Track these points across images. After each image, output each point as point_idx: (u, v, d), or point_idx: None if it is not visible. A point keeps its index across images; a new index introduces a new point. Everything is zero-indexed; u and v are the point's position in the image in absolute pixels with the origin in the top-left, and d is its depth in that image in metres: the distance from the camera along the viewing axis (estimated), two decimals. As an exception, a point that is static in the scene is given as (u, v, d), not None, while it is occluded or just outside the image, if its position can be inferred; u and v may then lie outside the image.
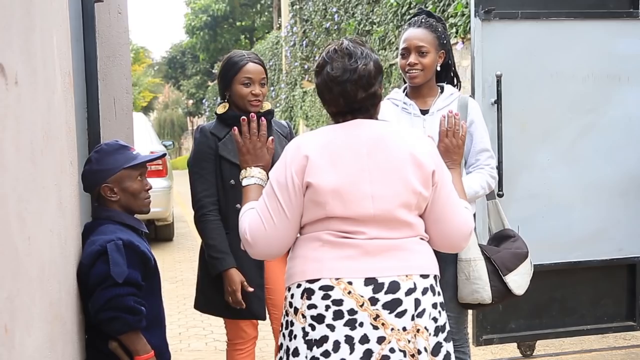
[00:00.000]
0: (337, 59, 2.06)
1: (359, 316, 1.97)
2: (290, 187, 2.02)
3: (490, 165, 2.96)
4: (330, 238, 2.03)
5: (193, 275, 7.39)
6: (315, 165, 2.01)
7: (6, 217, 1.38)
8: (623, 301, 4.10)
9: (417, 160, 2.05)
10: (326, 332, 1.97)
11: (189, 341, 4.79)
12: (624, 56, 3.89)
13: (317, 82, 2.12)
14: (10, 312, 1.38)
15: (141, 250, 2.30)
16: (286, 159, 2.06)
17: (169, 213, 9.19)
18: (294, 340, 2.03)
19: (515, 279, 2.90)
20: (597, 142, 3.89)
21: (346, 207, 2.01)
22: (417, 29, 2.93)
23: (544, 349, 4.30)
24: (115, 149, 2.40)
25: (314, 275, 2.01)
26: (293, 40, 18.38)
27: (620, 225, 3.96)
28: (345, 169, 2.02)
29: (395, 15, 10.86)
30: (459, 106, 2.94)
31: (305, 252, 2.06)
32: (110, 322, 2.18)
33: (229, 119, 2.88)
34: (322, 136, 2.08)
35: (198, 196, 2.90)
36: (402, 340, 1.98)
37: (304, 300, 2.01)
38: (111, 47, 3.17)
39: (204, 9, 32.83)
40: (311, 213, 2.04)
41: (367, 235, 2.02)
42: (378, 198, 2.01)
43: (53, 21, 1.95)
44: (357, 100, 2.06)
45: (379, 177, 2.03)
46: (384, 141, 2.06)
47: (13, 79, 1.44)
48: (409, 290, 2.00)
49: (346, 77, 2.04)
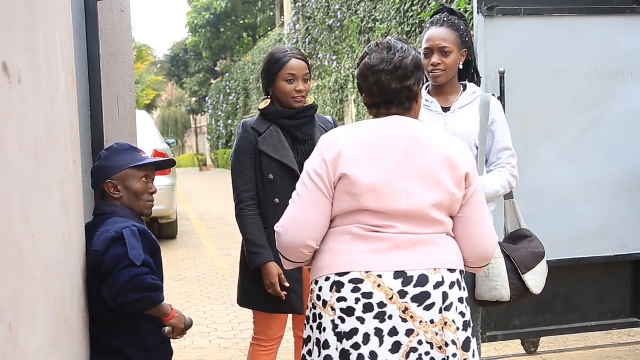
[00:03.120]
0: (377, 50, 2.12)
1: (389, 309, 1.99)
2: (325, 175, 2.05)
3: (511, 164, 2.98)
4: (360, 232, 2.05)
5: (196, 273, 7.42)
6: (350, 157, 2.04)
7: (10, 215, 1.39)
8: (627, 298, 4.09)
9: (452, 162, 2.08)
10: (356, 324, 2.00)
11: (193, 339, 4.80)
12: (628, 52, 3.88)
13: (358, 72, 2.17)
14: (15, 310, 1.39)
15: (153, 239, 2.36)
16: (322, 148, 2.10)
17: (172, 211, 9.20)
18: (323, 333, 2.05)
19: (534, 277, 2.91)
20: (600, 139, 3.88)
21: (380, 202, 2.04)
22: (439, 28, 2.93)
23: (547, 345, 4.30)
24: (125, 149, 2.45)
25: (343, 269, 2.04)
26: (296, 37, 18.37)
27: (624, 222, 3.95)
28: (382, 164, 2.05)
29: (398, 13, 10.84)
30: (481, 104, 2.96)
31: (335, 246, 2.08)
32: (135, 303, 2.21)
33: (269, 114, 2.94)
34: (360, 130, 2.13)
35: (237, 191, 2.93)
36: (429, 333, 2.01)
37: (334, 293, 2.03)
38: (114, 45, 3.17)
39: (207, 7, 32.81)
40: (343, 204, 2.06)
41: (397, 230, 2.05)
42: (412, 195, 2.04)
43: (56, 19, 1.95)
44: (390, 91, 2.09)
45: (414, 174, 2.05)
46: (421, 141, 2.09)
47: (16, 78, 1.44)
48: (437, 283, 2.03)
49: (382, 67, 2.09)
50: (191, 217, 12.77)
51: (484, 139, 2.96)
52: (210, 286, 6.74)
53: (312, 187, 2.07)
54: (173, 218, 9.51)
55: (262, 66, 3.00)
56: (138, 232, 2.28)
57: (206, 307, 5.88)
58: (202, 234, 10.46)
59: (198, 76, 37.45)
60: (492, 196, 2.89)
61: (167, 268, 7.23)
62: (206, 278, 7.15)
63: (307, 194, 2.08)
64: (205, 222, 11.88)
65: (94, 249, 2.26)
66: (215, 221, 11.84)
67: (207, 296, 6.32)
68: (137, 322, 2.31)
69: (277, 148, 2.90)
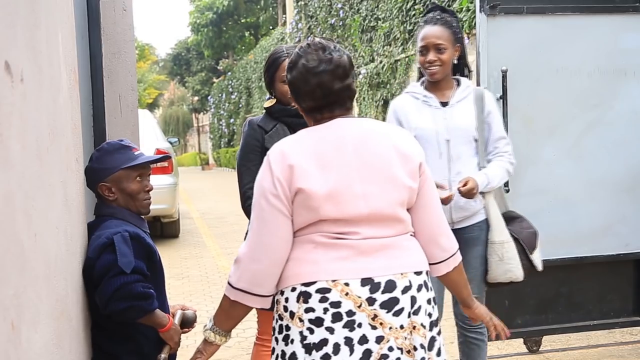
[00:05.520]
0: (311, 52, 2.06)
1: (358, 317, 1.95)
2: (281, 194, 1.99)
3: (508, 152, 3.17)
4: (323, 240, 2.01)
5: (199, 272, 7.42)
6: (303, 170, 1.98)
7: (12, 214, 1.39)
8: (630, 296, 4.09)
9: (402, 153, 2.05)
10: (325, 335, 1.95)
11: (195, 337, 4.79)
12: (630, 51, 3.87)
13: (291, 78, 2.09)
14: (17, 308, 1.39)
15: (147, 242, 2.31)
16: (271, 165, 2.02)
17: (174, 210, 9.20)
18: (290, 345, 2.00)
19: (537, 256, 3.15)
20: (603, 137, 3.88)
21: (339, 209, 1.99)
22: (433, 26, 3.07)
23: (550, 344, 4.29)
24: (116, 148, 2.38)
25: (310, 278, 1.98)
26: (298, 36, 18.36)
27: (626, 221, 3.94)
28: (334, 171, 2.00)
29: (400, 11, 10.83)
30: (475, 98, 3.11)
31: (299, 254, 2.03)
32: (124, 312, 2.18)
33: (275, 112, 2.97)
34: (306, 139, 2.06)
35: (243, 189, 2.92)
36: (399, 338, 1.98)
37: (301, 304, 1.98)
38: (116, 44, 3.17)
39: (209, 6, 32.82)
40: (303, 218, 2.01)
41: (360, 235, 2.01)
42: (370, 197, 2.01)
43: (58, 18, 1.95)
44: (334, 91, 2.05)
45: (368, 175, 2.02)
46: (368, 138, 2.05)
47: (19, 77, 1.44)
48: (404, 288, 2.00)
49: (322, 67, 2.03)
50: (193, 216, 12.78)
51: (482, 130, 3.10)
52: (213, 285, 6.75)
53: (270, 208, 2.00)
54: (175, 217, 9.51)
55: (264, 66, 3.05)
56: (130, 237, 2.23)
57: (208, 305, 5.88)
58: (204, 232, 10.47)
59: (200, 75, 37.47)
60: (496, 186, 3.09)
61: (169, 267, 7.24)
62: (208, 277, 7.16)
63: (265, 216, 2.01)
64: (208, 221, 11.88)
65: (87, 255, 2.24)
66: (218, 220, 11.85)
67: (209, 295, 6.32)
68: (134, 328, 2.28)
69: None
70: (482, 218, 3.10)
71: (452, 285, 2.26)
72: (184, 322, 2.42)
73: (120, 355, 2.30)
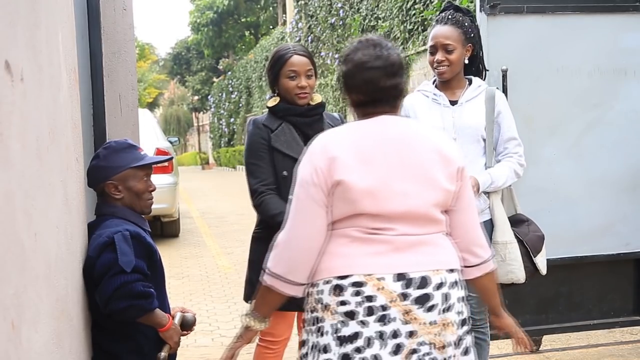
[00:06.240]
0: (364, 47, 2.09)
1: (391, 312, 1.98)
2: (319, 185, 2.01)
3: (518, 153, 3.14)
4: (359, 234, 2.03)
5: (199, 271, 7.42)
6: (344, 163, 2.01)
7: (13, 213, 1.39)
8: (630, 296, 4.09)
9: (443, 156, 2.08)
10: (358, 328, 1.98)
11: (196, 337, 4.80)
12: (630, 50, 3.87)
13: (343, 70, 2.12)
14: (17, 308, 1.39)
15: (147, 241, 2.32)
16: (312, 156, 2.05)
17: (174, 209, 9.20)
18: (324, 337, 2.03)
19: (542, 259, 3.14)
20: (603, 137, 3.88)
21: (378, 205, 2.01)
22: (443, 26, 3.06)
23: (550, 344, 4.29)
24: (123, 147, 2.41)
25: (344, 272, 2.01)
26: (298, 36, 18.37)
27: (626, 220, 3.94)
28: (376, 167, 2.03)
29: (400, 11, 10.83)
30: (486, 98, 3.10)
31: (334, 248, 2.05)
32: (124, 311, 2.19)
33: (279, 112, 2.92)
34: (350, 133, 2.10)
35: (255, 185, 2.87)
36: (430, 334, 2.01)
37: (335, 297, 2.01)
38: (116, 43, 3.17)
39: (209, 6, 32.82)
40: (340, 210, 2.03)
41: (396, 232, 2.03)
42: (409, 195, 2.03)
43: (58, 18, 1.95)
44: (382, 88, 2.07)
45: (407, 174, 2.04)
46: (410, 138, 2.08)
47: (19, 76, 1.45)
48: (438, 285, 2.02)
49: (373, 63, 2.06)
50: (193, 215, 12.78)
51: (491, 130, 3.08)
52: (213, 284, 6.75)
53: (308, 198, 2.03)
54: (175, 216, 9.51)
55: (267, 65, 3.00)
56: (130, 236, 2.24)
57: (208, 305, 5.88)
58: (205, 232, 10.47)
59: (200, 74, 37.46)
60: (501, 186, 3.06)
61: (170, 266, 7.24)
62: (208, 276, 7.16)
63: (303, 205, 2.04)
64: (208, 220, 11.88)
65: (87, 254, 2.25)
66: (218, 219, 11.85)
67: (209, 294, 6.32)
68: (134, 327, 2.29)
69: (291, 145, 2.87)
70: (487, 218, 3.09)
71: (482, 291, 2.27)
72: (183, 325, 2.42)
73: (120, 354, 2.30)
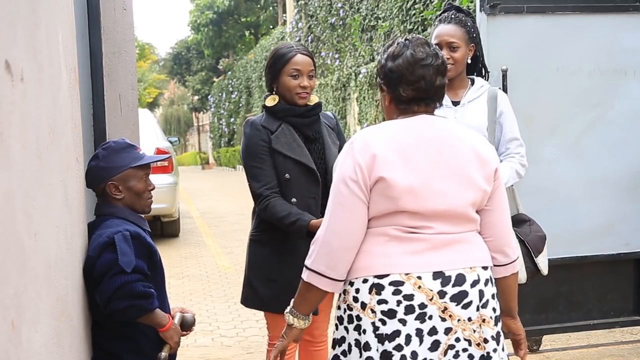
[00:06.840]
0: (416, 45, 2.10)
1: (429, 309, 2.01)
2: (361, 180, 2.02)
3: (520, 153, 3.16)
4: (397, 233, 2.04)
5: (199, 271, 7.42)
6: (385, 160, 2.02)
7: (12, 213, 1.39)
8: (630, 296, 4.09)
9: (481, 157, 2.10)
10: (398, 326, 2.01)
11: (196, 337, 4.80)
12: (630, 50, 3.87)
13: (394, 66, 2.09)
14: (17, 308, 1.39)
15: (147, 242, 2.32)
16: (354, 152, 2.05)
17: (174, 209, 9.20)
18: (363, 335, 2.04)
19: (543, 260, 3.14)
20: (603, 137, 3.88)
21: (418, 203, 2.03)
22: (447, 25, 3.08)
23: (550, 343, 4.29)
24: (123, 147, 2.40)
25: (383, 271, 2.03)
26: (298, 35, 18.37)
27: (626, 220, 3.94)
28: (416, 165, 2.04)
29: (400, 10, 10.83)
30: (488, 98, 3.11)
31: (371, 247, 2.06)
32: (125, 311, 2.19)
33: (279, 112, 2.86)
34: (391, 131, 2.10)
35: (257, 191, 2.81)
36: (467, 330, 2.03)
37: (373, 296, 2.03)
38: (116, 43, 3.17)
39: (209, 5, 32.83)
40: (380, 207, 2.04)
41: (433, 230, 2.05)
42: (448, 195, 2.05)
43: (58, 18, 1.95)
44: (435, 86, 2.09)
45: (446, 173, 2.06)
46: (450, 139, 2.10)
47: (19, 76, 1.45)
48: (473, 282, 2.05)
49: (430, 61, 2.07)
50: (193, 215, 12.78)
51: (493, 131, 3.10)
52: (213, 284, 6.75)
53: (349, 194, 2.03)
54: (175, 216, 9.51)
55: (267, 62, 2.93)
56: (130, 237, 2.24)
57: (208, 305, 5.89)
58: (204, 232, 10.47)
59: (200, 74, 37.48)
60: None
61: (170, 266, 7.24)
62: (208, 276, 7.16)
63: (343, 201, 2.04)
64: (208, 220, 11.88)
65: (87, 254, 2.24)
66: (218, 219, 11.85)
67: (209, 294, 6.33)
68: (134, 327, 2.28)
69: (292, 147, 2.82)
70: None
71: (505, 290, 2.26)
72: (182, 325, 2.42)
73: (120, 354, 2.30)
